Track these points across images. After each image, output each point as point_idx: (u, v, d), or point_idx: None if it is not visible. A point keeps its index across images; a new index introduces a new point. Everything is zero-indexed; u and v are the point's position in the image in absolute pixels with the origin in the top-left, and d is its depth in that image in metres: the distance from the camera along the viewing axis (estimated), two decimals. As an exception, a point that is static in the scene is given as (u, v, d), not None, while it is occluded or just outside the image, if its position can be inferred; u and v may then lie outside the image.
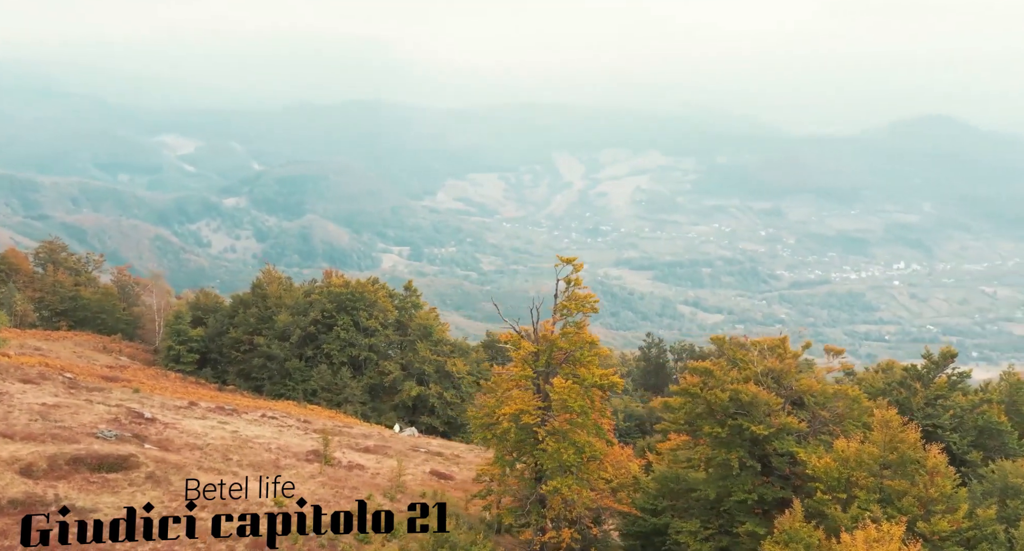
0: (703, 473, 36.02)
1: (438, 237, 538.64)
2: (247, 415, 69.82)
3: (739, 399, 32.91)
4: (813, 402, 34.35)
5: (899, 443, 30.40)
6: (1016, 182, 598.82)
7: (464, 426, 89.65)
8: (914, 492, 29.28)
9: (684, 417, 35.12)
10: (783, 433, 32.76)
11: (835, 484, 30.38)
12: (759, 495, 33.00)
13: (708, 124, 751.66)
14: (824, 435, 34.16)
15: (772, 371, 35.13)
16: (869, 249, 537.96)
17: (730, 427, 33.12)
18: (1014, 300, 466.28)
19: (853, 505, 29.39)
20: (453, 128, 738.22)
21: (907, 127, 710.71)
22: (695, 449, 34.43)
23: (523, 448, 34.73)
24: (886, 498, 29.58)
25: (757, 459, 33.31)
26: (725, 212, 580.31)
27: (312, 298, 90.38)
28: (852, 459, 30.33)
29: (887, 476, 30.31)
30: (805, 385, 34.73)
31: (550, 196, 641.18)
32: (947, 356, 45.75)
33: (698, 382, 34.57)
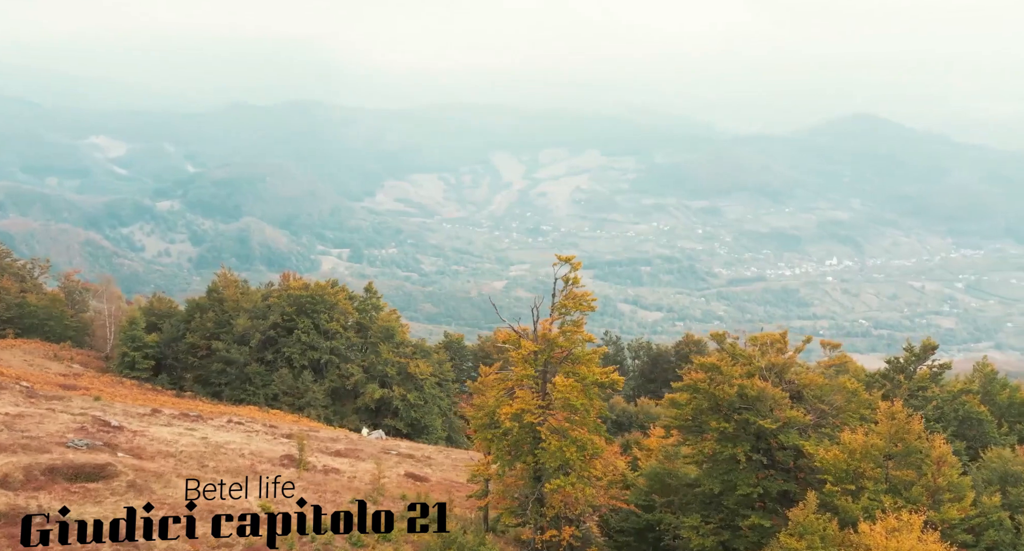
0: (695, 468, 36.65)
1: (378, 238, 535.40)
2: (213, 421, 68.76)
3: (746, 394, 33.51)
4: (812, 396, 35.16)
5: (906, 434, 31.28)
6: (941, 180, 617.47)
7: (428, 428, 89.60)
8: (922, 482, 30.14)
9: (691, 413, 35.61)
10: (788, 427, 33.45)
11: (843, 476, 31.11)
12: (764, 488, 33.62)
13: (646, 124, 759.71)
14: (825, 428, 34.98)
15: (774, 366, 35.86)
16: (803, 246, 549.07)
17: (736, 422, 33.71)
18: (941, 294, 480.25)
19: (863, 496, 30.13)
20: (392, 129, 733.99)
21: (838, 126, 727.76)
22: (702, 444, 34.93)
23: (522, 447, 34.90)
24: (893, 488, 30.39)
25: (762, 453, 33.96)
26: (663, 211, 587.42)
27: (271, 301, 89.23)
28: (859, 451, 31.11)
29: (892, 467, 31.16)
30: (807, 379, 35.51)
31: (490, 196, 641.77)
32: (927, 348, 47.17)
33: (704, 378, 35.11)
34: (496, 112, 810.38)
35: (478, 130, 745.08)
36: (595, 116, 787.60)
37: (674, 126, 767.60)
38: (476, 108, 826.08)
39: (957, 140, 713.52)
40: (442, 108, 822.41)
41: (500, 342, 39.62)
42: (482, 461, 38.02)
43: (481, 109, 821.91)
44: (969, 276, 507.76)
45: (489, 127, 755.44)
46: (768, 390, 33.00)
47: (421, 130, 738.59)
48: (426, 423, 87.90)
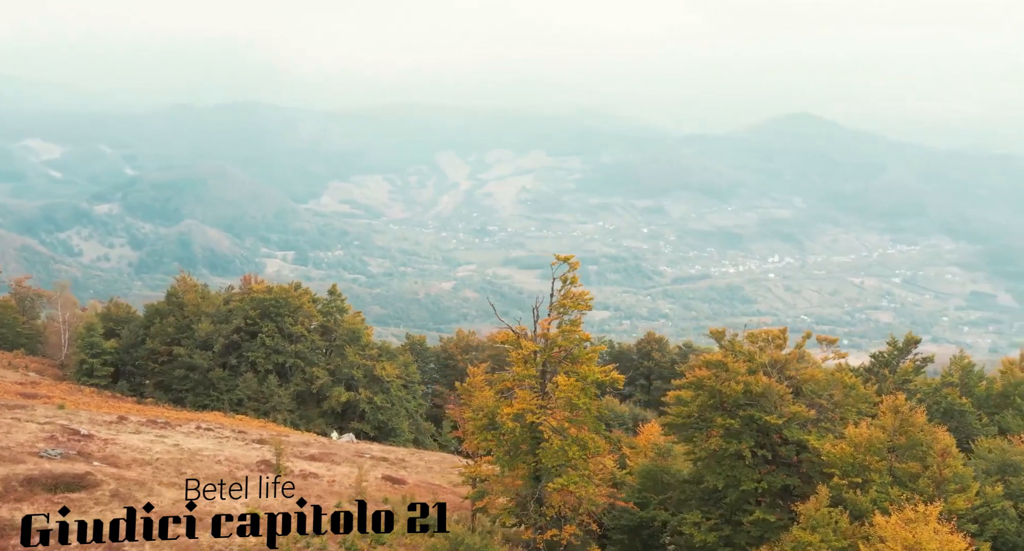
0: (689, 465, 37.09)
1: (324, 240, 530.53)
2: (182, 428, 67.69)
3: (751, 390, 34.01)
4: (810, 391, 35.81)
5: (909, 427, 32.02)
6: (878, 178, 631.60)
7: (395, 430, 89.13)
8: (928, 473, 30.88)
9: (696, 409, 36.02)
10: (792, 422, 34.03)
11: (849, 469, 31.72)
12: (768, 483, 34.15)
13: (591, 124, 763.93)
14: (824, 423, 35.64)
15: (776, 362, 36.47)
16: (745, 244, 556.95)
17: (741, 418, 34.19)
18: (879, 290, 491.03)
19: (871, 489, 30.76)
20: (335, 130, 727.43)
21: (778, 126, 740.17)
22: (708, 440, 35.34)
23: (521, 447, 34.97)
24: (898, 480, 31.09)
25: (766, 448, 34.49)
26: (609, 210, 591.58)
27: (232, 305, 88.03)
28: (863, 444, 31.76)
29: (895, 459, 31.88)
30: (807, 375, 36.15)
31: (436, 197, 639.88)
32: (910, 342, 48.32)
33: (709, 375, 35.54)
34: (441, 112, 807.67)
35: (423, 130, 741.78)
36: (541, 116, 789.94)
37: (619, 126, 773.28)
38: (421, 108, 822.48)
39: (892, 139, 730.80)
40: (387, 108, 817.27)
41: (499, 342, 39.66)
42: (479, 462, 38.02)
43: (426, 109, 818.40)
44: (906, 271, 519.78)
45: (434, 127, 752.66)
46: (773, 386, 33.57)
47: (366, 131, 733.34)
48: (393, 425, 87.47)
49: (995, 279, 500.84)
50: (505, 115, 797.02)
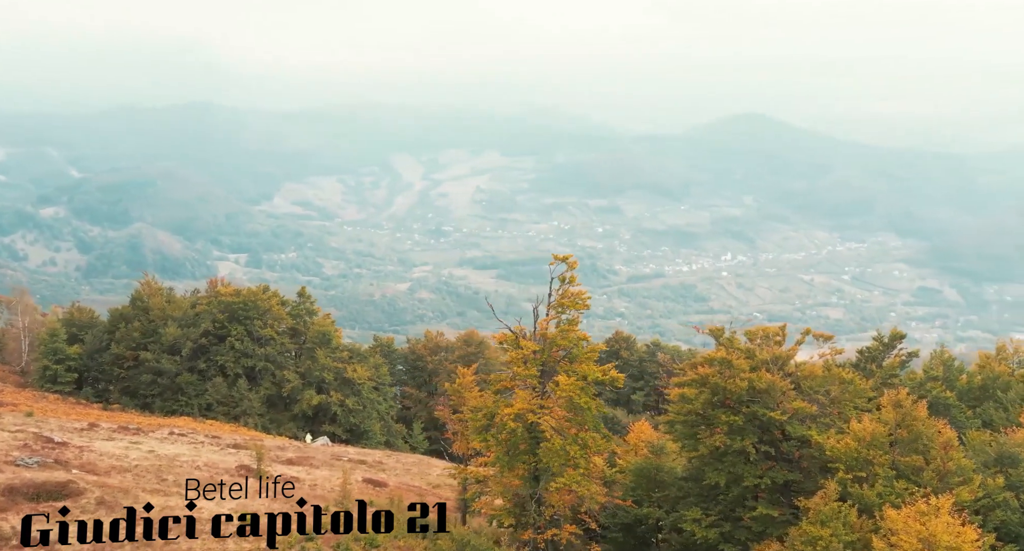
0: (682, 462, 37.46)
1: (277, 243, 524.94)
2: (154, 434, 66.67)
3: (755, 387, 34.41)
4: (808, 387, 36.34)
5: (912, 421, 32.63)
6: (826, 176, 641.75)
7: (367, 432, 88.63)
8: (933, 466, 31.52)
9: (700, 407, 36.33)
10: (795, 418, 34.49)
11: (854, 464, 32.23)
12: (770, 479, 34.58)
13: (545, 124, 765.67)
14: (823, 418, 36.18)
15: (779, 358, 36.94)
16: (698, 242, 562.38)
17: (744, 414, 34.57)
18: (829, 286, 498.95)
19: (877, 483, 31.30)
20: (287, 130, 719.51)
21: (729, 126, 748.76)
22: (712, 437, 35.68)
23: (520, 447, 35.01)
24: (902, 474, 31.68)
25: (769, 445, 34.93)
26: (564, 210, 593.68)
27: (200, 309, 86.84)
28: (867, 439, 32.29)
29: (897, 453, 32.48)
30: (807, 371, 36.68)
31: (391, 198, 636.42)
32: (896, 337, 49.26)
33: (713, 372, 35.86)
34: (395, 112, 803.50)
35: (376, 131, 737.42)
36: (495, 116, 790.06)
37: (573, 126, 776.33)
38: (374, 109, 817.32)
39: (839, 138, 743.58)
40: (339, 109, 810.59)
41: (497, 342, 39.64)
42: (477, 462, 37.99)
43: (379, 109, 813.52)
44: (854, 268, 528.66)
45: (388, 128, 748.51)
46: (777, 382, 34.02)
47: (318, 131, 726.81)
48: (365, 428, 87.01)
49: (941, 275, 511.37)
50: (459, 115, 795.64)
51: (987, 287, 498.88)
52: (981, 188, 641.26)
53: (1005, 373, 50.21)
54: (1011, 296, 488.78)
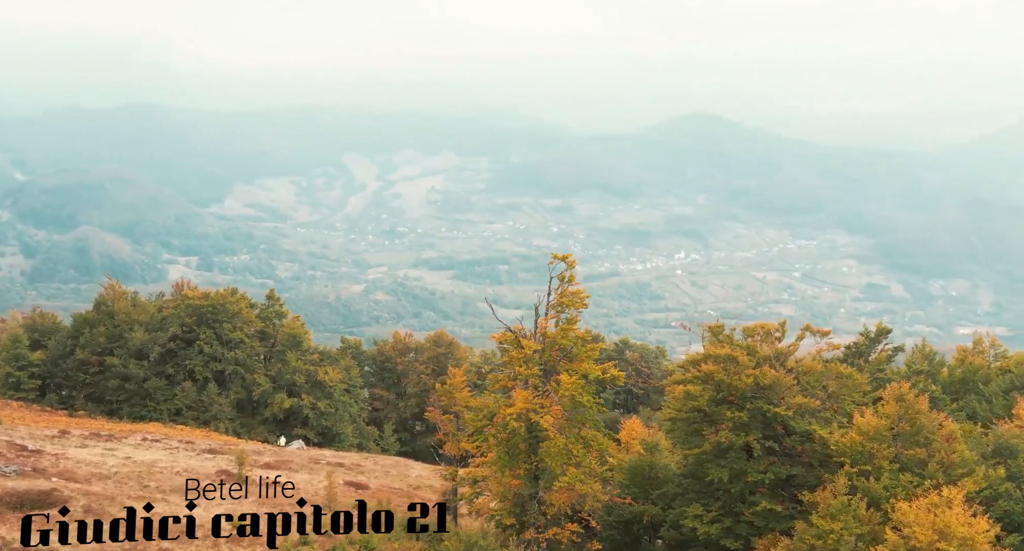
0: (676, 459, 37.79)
1: (229, 245, 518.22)
2: (127, 440, 65.58)
3: (760, 383, 34.80)
4: (807, 382, 36.87)
5: (916, 414, 33.25)
6: (776, 175, 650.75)
7: (339, 435, 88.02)
8: (937, 458, 32.15)
9: (706, 403, 36.64)
10: (798, 414, 34.96)
11: (858, 457, 32.78)
12: (773, 474, 35.02)
13: (499, 124, 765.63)
14: (823, 412, 36.73)
15: (781, 354, 37.41)
16: (652, 241, 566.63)
17: (749, 410, 34.96)
18: (780, 283, 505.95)
19: (883, 476, 31.86)
20: (238, 131, 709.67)
21: (680, 126, 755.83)
22: (718, 434, 36.01)
23: (520, 446, 35.05)
24: (905, 467, 32.31)
25: (773, 440, 35.37)
26: (518, 210, 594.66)
27: (167, 313, 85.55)
28: (871, 432, 32.85)
29: (900, 446, 33.10)
30: (806, 366, 37.21)
31: (344, 199, 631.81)
32: (882, 332, 50.15)
33: (718, 369, 36.18)
34: (347, 113, 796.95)
35: (329, 132, 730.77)
36: (448, 117, 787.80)
37: (526, 126, 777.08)
38: (326, 109, 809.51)
39: (788, 137, 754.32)
40: (291, 109, 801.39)
41: (498, 342, 39.64)
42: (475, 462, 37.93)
43: (331, 110, 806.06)
44: (804, 265, 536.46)
45: (340, 128, 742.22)
46: (782, 378, 34.48)
47: (269, 132, 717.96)
48: (337, 431, 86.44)
49: (888, 271, 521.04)
50: (412, 116, 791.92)
51: (932, 283, 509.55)
52: (926, 186, 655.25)
53: (984, 366, 51.53)
54: (955, 291, 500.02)
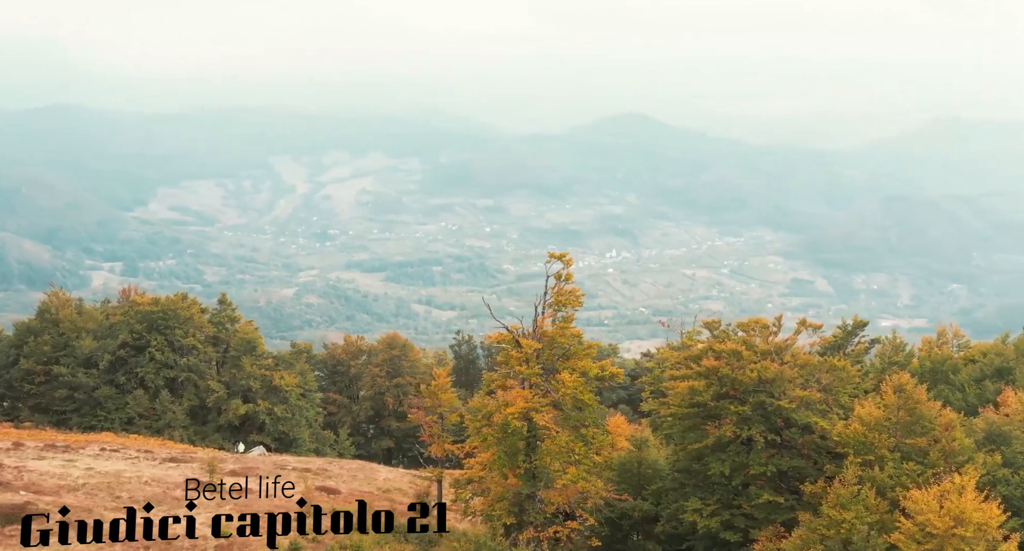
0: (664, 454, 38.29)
1: (154, 250, 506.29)
2: (84, 451, 63.73)
3: (762, 377, 35.41)
4: (803, 375, 37.61)
5: (915, 404, 34.21)
6: (703, 174, 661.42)
7: (296, 440, 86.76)
8: (938, 447, 33.13)
9: (710, 398, 37.08)
10: (800, 407, 35.65)
11: (861, 448, 33.59)
12: (775, 467, 35.68)
13: (428, 125, 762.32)
14: (819, 405, 37.54)
15: (781, 348, 38.09)
16: (584, 240, 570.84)
17: (752, 404, 35.54)
18: (709, 280, 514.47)
19: (887, 465, 32.71)
20: (161, 133, 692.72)
21: (609, 125, 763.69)
22: (722, 428, 36.50)
23: (519, 445, 35.08)
24: (907, 456, 33.23)
25: (774, 433, 36.01)
26: (451, 210, 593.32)
27: (115, 320, 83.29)
28: (872, 423, 33.71)
29: (900, 436, 33.99)
30: (803, 360, 37.97)
31: (273, 201, 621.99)
32: (859, 325, 51.44)
33: (722, 364, 36.66)
34: (273, 114, 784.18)
35: (256, 133, 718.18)
36: (377, 117, 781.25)
37: (456, 126, 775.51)
38: (252, 110, 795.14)
39: (714, 136, 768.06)
40: (216, 111, 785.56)
41: (496, 342, 39.59)
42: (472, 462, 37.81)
43: (257, 111, 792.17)
44: (732, 262, 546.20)
45: (267, 130, 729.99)
46: (786, 372, 35.16)
47: (194, 134, 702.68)
48: (294, 436, 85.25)
49: (813, 267, 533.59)
50: (340, 116, 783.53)
51: (855, 277, 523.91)
52: (846, 183, 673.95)
53: (950, 356, 53.38)
54: (876, 285, 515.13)
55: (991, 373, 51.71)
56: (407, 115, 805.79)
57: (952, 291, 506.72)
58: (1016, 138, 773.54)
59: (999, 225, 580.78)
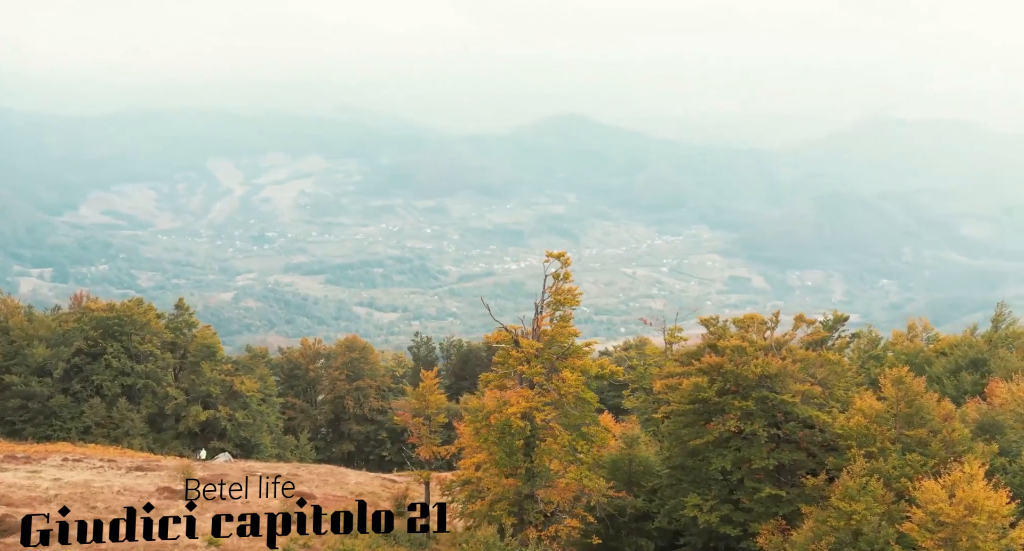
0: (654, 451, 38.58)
1: (85, 255, 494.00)
2: (46, 462, 61.96)
3: (767, 372, 35.82)
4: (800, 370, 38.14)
5: (915, 396, 34.95)
6: (642, 173, 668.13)
7: (258, 446, 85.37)
8: (939, 437, 33.90)
9: (715, 394, 37.36)
10: (802, 401, 36.15)
11: (864, 440, 34.22)
12: (776, 460, 36.15)
13: (367, 126, 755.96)
14: (817, 398, 38.12)
15: (780, 344, 38.58)
16: (525, 240, 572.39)
17: (755, 399, 35.93)
18: (649, 278, 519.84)
19: (891, 456, 33.37)
20: (91, 136, 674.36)
21: (549, 125, 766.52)
22: (727, 424, 36.80)
23: (517, 445, 34.98)
24: (908, 447, 33.98)
25: (775, 427, 36.47)
26: (391, 212, 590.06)
27: (69, 326, 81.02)
28: (873, 415, 34.37)
29: (901, 427, 34.70)
30: (801, 355, 38.53)
31: (209, 204, 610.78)
32: (839, 320, 52.31)
33: (726, 360, 36.96)
34: (208, 116, 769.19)
35: (190, 135, 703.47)
36: (315, 119, 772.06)
37: (395, 127, 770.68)
38: (186, 112, 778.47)
39: (652, 136, 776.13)
40: (147, 113, 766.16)
41: (495, 342, 39.42)
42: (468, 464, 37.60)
43: (191, 113, 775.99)
44: (672, 260, 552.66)
45: (202, 132, 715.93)
46: (789, 367, 35.67)
47: (126, 137, 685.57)
48: (256, 442, 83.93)
49: (750, 264, 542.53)
50: (277, 118, 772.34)
51: (790, 274, 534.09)
52: (781, 181, 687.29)
53: (922, 349, 54.79)
54: (811, 281, 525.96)
55: (966, 364, 53.31)
56: (345, 116, 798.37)
57: (883, 286, 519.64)
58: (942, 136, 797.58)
59: (927, 221, 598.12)
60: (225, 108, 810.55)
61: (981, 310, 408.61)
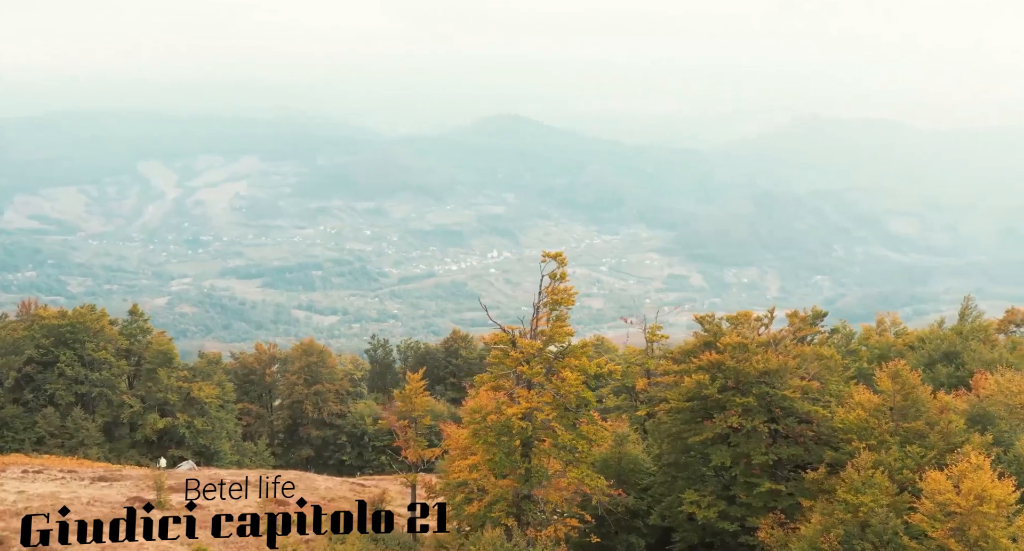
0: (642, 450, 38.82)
1: (12, 261, 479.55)
2: (6, 473, 60.14)
3: (767, 368, 36.23)
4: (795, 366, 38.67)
5: (912, 389, 35.68)
6: (581, 173, 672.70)
7: (218, 453, 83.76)
8: (937, 429, 34.67)
9: (716, 391, 37.64)
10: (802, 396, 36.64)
11: (864, 433, 34.85)
12: (776, 455, 36.63)
13: (302, 127, 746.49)
14: (812, 393, 38.69)
15: (776, 340, 39.03)
16: (466, 241, 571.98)
17: (755, 395, 36.32)
18: (590, 278, 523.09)
19: (892, 449, 34.03)
20: (15, 138, 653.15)
21: (488, 126, 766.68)
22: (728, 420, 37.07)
23: (515, 445, 34.90)
24: (906, 439, 34.71)
25: (774, 422, 36.92)
26: (329, 214, 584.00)
27: (18, 335, 78.49)
28: (872, 409, 35.02)
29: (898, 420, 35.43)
30: (796, 351, 39.06)
31: (141, 207, 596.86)
32: (818, 316, 53.11)
33: (727, 357, 37.26)
34: (138, 118, 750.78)
35: (121, 138, 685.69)
36: (249, 120, 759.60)
37: (331, 128, 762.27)
38: (116, 114, 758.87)
39: (590, 136, 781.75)
40: (75, 115, 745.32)
41: (492, 343, 39.21)
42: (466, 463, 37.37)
43: (121, 115, 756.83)
44: (611, 260, 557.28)
45: (132, 134, 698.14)
46: (789, 363, 36.16)
47: (53, 139, 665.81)
48: (215, 449, 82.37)
49: (687, 262, 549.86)
50: (209, 119, 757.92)
51: (727, 271, 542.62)
52: (717, 180, 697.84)
53: (893, 343, 56.10)
54: (747, 278, 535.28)
55: (939, 357, 54.84)
56: (280, 118, 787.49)
57: (816, 282, 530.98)
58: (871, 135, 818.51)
59: (858, 218, 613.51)
60: (156, 109, 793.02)
61: (910, 305, 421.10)
